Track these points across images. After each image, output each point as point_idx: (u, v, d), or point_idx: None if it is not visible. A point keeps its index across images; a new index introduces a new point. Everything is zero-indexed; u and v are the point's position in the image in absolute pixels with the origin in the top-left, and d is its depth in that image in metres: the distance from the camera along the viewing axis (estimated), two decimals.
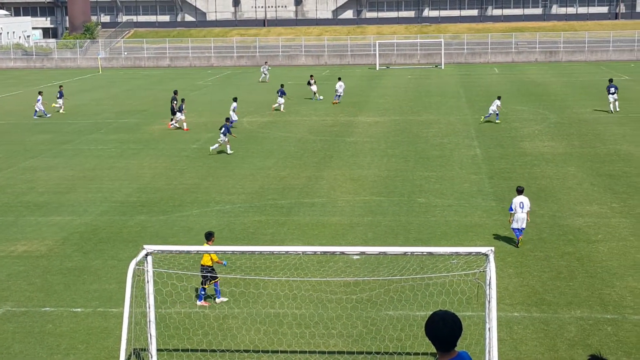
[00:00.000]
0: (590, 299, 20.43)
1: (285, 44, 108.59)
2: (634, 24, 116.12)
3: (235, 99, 51.28)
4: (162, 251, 17.08)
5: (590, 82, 71.42)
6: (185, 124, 49.04)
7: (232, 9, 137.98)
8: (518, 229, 24.64)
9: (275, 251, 19.20)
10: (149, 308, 16.28)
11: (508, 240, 25.28)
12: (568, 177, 33.71)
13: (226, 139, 40.64)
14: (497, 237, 25.66)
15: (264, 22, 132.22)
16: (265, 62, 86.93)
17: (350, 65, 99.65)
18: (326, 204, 30.37)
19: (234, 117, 49.02)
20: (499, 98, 50.22)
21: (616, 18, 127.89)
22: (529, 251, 24.21)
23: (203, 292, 20.68)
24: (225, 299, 20.72)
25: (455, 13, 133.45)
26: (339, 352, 17.82)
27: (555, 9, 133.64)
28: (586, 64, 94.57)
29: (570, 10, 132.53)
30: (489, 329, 14.57)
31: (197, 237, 26.32)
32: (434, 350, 7.40)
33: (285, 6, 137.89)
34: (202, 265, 20.52)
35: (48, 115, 55.15)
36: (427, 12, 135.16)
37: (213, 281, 20.51)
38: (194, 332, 18.70)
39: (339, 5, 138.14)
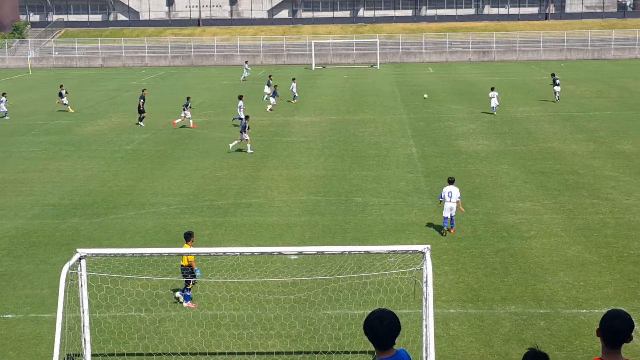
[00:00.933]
0: (524, 294, 20.72)
1: (221, 44, 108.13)
2: (563, 24, 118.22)
3: (240, 97, 50.70)
4: (96, 254, 16.83)
5: (522, 81, 72.46)
6: (191, 122, 49.09)
7: (166, 9, 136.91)
8: (447, 217, 25.80)
9: (212, 252, 19.09)
10: (83, 313, 16.03)
11: (444, 238, 25.52)
12: (501, 175, 34.15)
13: (247, 137, 40.52)
14: (434, 234, 25.87)
15: (198, 22, 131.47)
16: (246, 62, 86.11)
17: (286, 65, 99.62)
18: (263, 205, 30.30)
19: (241, 114, 48.84)
20: (492, 89, 52.46)
21: (546, 18, 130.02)
22: (464, 248, 24.47)
23: (188, 294, 20.47)
24: (193, 305, 20.53)
25: (390, 13, 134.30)
26: (277, 353, 17.78)
27: (488, 9, 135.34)
28: (518, 63, 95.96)
29: (502, 10, 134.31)
30: (426, 325, 14.66)
31: (132, 239, 26.06)
32: (373, 349, 7.42)
33: (220, 6, 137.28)
34: (182, 266, 20.36)
35: (7, 118, 54.15)
36: (362, 12, 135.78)
37: (191, 286, 20.32)
38: (129, 336, 18.49)
39: (274, 5, 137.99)
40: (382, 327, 7.18)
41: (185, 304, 20.43)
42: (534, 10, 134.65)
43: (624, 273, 22.02)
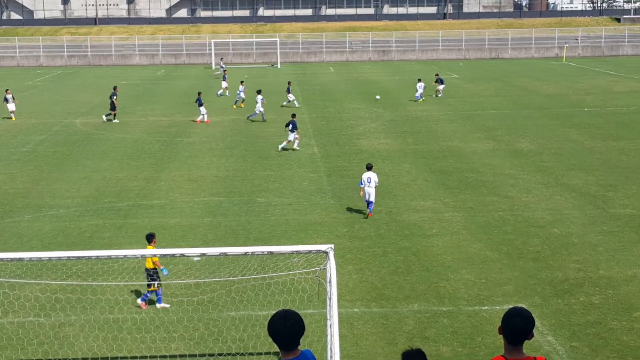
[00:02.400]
0: (427, 292, 20.94)
1: (118, 43, 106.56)
2: (461, 23, 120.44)
3: (259, 91, 51.28)
4: None
5: (422, 80, 73.36)
6: (205, 116, 49.64)
7: (62, 7, 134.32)
8: (367, 201, 27.63)
9: (113, 255, 18.69)
10: None
11: (347, 237, 25.64)
12: (403, 174, 34.49)
13: (296, 136, 39.92)
14: (337, 234, 25.95)
15: (95, 21, 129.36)
16: (221, 59, 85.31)
17: (185, 65, 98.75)
18: (165, 206, 29.93)
19: (260, 108, 49.73)
20: (419, 80, 57.77)
21: (444, 18, 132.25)
22: (367, 247, 24.60)
23: (147, 295, 20.05)
24: (167, 305, 20.09)
25: (290, 12, 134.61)
26: (181, 356, 17.56)
27: (387, 9, 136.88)
28: (417, 62, 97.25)
29: (401, 10, 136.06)
30: (330, 325, 14.66)
31: (29, 243, 25.40)
32: (278, 350, 7.38)
33: (117, 4, 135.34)
34: (146, 268, 19.89)
35: None
36: (262, 11, 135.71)
37: (154, 288, 19.84)
38: (28, 342, 17.99)
39: (172, 4, 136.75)
40: (286, 328, 7.17)
41: (138, 301, 20.02)
42: (433, 10, 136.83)
43: (524, 270, 22.48)
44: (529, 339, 7.46)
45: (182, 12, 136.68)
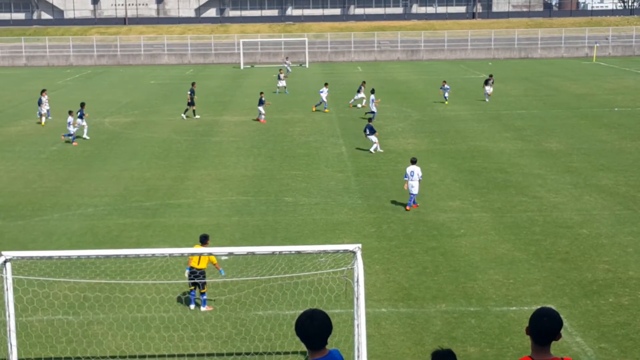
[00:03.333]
0: (455, 292, 20.85)
1: (147, 43, 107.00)
2: (490, 23, 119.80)
3: (372, 91, 51.88)
4: (22, 257, 16.45)
5: (450, 80, 73.01)
6: (262, 116, 49.94)
7: (91, 7, 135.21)
8: (411, 194, 28.53)
9: (140, 254, 18.77)
10: (9, 317, 15.64)
11: (375, 237, 25.59)
12: (431, 174, 34.35)
13: (375, 139, 39.73)
14: (364, 234, 25.90)
15: (124, 20, 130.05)
16: (287, 57, 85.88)
17: (214, 65, 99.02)
18: (192, 205, 30.02)
19: (373, 108, 49.90)
20: (444, 82, 57.89)
21: (473, 17, 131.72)
22: (394, 247, 24.54)
23: (204, 298, 20.05)
24: (210, 308, 20.10)
25: (319, 12, 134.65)
26: (209, 354, 17.60)
27: (416, 8, 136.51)
28: (446, 62, 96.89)
29: (430, 9, 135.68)
30: (358, 325, 14.63)
31: (58, 241, 25.56)
32: (305, 349, 7.36)
33: (147, 4, 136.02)
34: (196, 268, 19.84)
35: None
36: (290, 11, 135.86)
37: (202, 290, 19.91)
38: (57, 340, 18.11)
39: (201, 3, 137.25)
40: (313, 327, 7.14)
41: (203, 308, 20.03)
42: (462, 9, 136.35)
43: (553, 270, 22.33)
44: (557, 339, 7.40)
45: (211, 12, 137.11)
